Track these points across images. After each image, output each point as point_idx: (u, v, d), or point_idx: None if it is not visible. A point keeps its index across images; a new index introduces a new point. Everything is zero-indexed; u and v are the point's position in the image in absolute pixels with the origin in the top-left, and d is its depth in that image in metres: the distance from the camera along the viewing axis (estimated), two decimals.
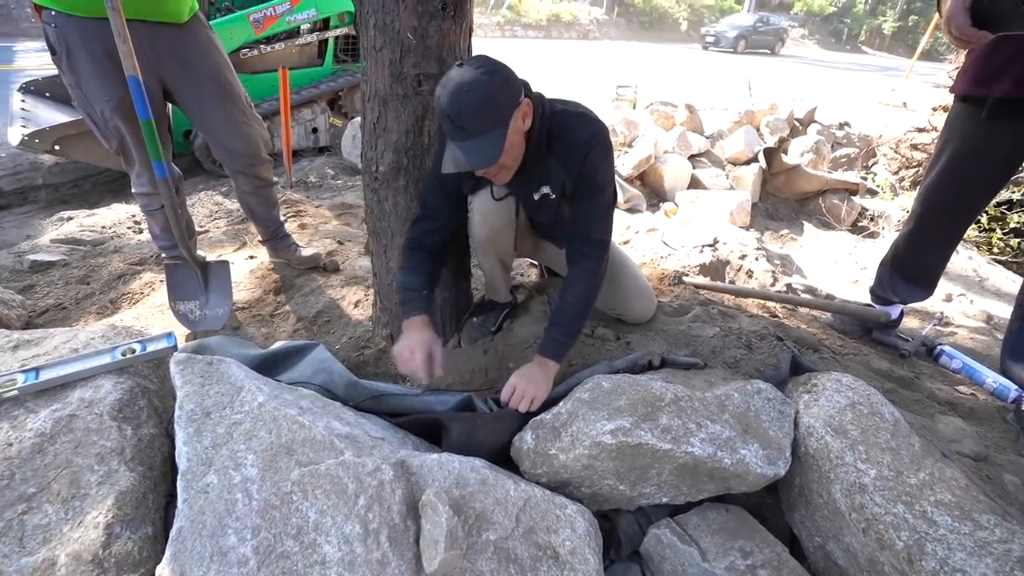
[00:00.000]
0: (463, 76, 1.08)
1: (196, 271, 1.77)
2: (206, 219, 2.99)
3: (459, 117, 1.08)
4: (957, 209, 1.56)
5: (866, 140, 4.63)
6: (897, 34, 26.52)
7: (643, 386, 1.19)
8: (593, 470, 1.13)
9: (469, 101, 1.08)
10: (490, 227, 1.42)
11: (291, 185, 3.42)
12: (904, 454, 1.12)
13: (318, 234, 2.58)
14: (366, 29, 1.33)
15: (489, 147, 1.11)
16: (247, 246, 2.57)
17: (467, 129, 1.09)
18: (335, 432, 1.06)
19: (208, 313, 1.74)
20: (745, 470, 1.11)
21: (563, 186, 1.30)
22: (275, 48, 3.94)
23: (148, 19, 1.55)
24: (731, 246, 2.21)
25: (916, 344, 1.79)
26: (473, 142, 1.10)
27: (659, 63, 12.71)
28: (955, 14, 1.10)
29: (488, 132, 1.10)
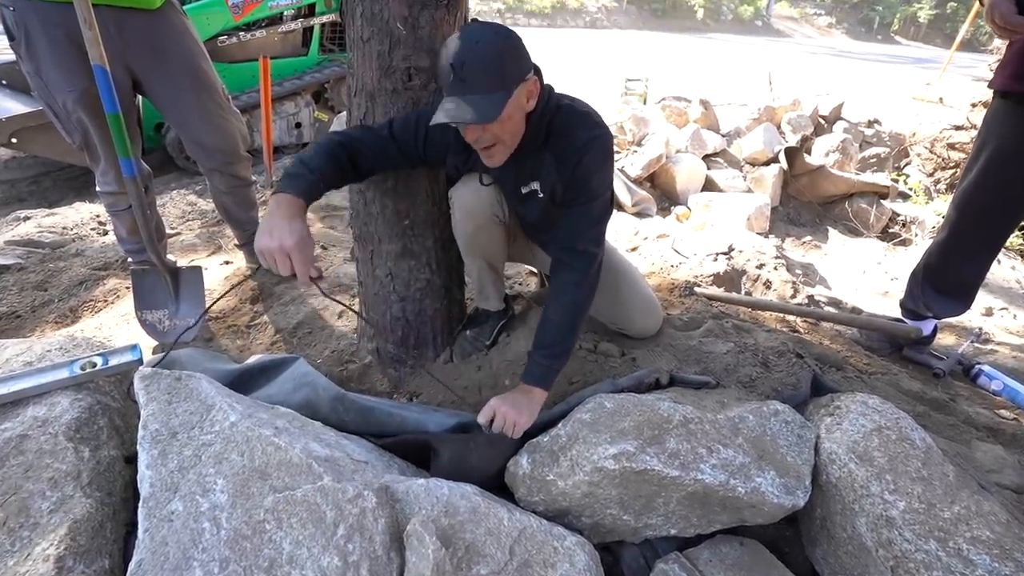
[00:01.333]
0: (474, 30, 1.11)
1: (165, 278, 1.78)
2: (178, 220, 3.01)
3: (462, 68, 1.08)
4: (996, 214, 1.57)
5: (898, 139, 4.66)
6: (934, 22, 26.74)
7: (649, 407, 1.19)
8: (594, 498, 1.14)
9: (476, 54, 1.08)
10: (474, 223, 1.42)
11: (271, 184, 3.44)
12: (937, 485, 1.12)
13: None
14: (352, 18, 1.35)
15: (488, 105, 1.09)
16: (223, 250, 2.58)
17: (467, 82, 1.08)
18: (314, 455, 1.06)
19: (178, 323, 1.75)
20: (760, 500, 1.11)
21: (553, 188, 1.30)
22: (256, 36, 3.99)
23: (117, 4, 1.56)
24: (748, 254, 2.22)
25: (951, 363, 1.79)
26: (473, 97, 1.09)
27: (672, 54, 12.81)
28: (999, 1, 1.11)
29: (490, 92, 1.10)
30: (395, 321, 1.62)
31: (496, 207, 1.42)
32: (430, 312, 1.62)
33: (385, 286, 1.58)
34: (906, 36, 27.00)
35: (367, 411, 1.23)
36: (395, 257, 1.54)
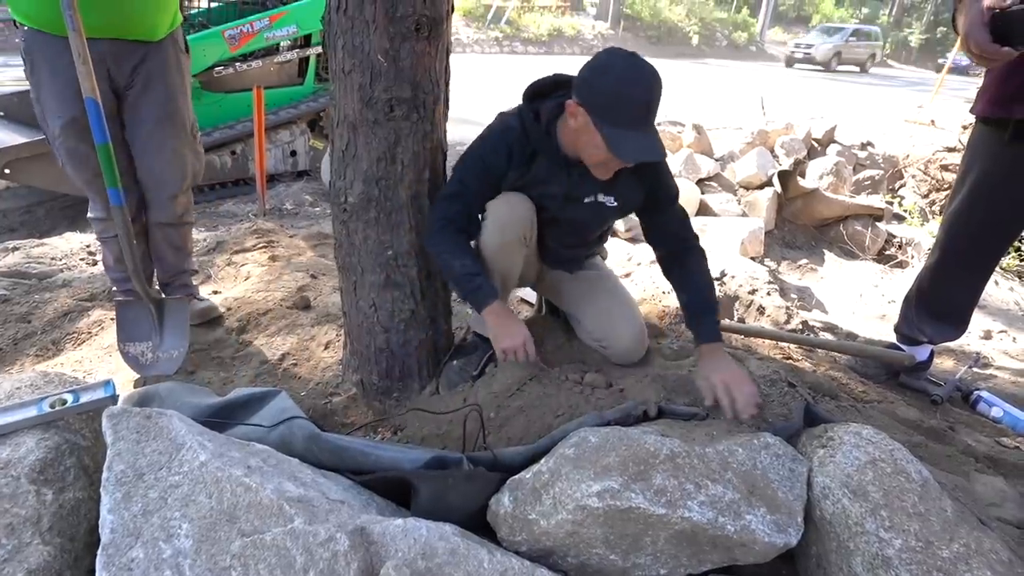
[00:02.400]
0: (647, 65, 1.21)
1: (150, 309, 1.76)
2: None
3: (653, 105, 1.21)
4: (985, 238, 1.56)
5: (892, 161, 4.70)
6: (924, 47, 27.27)
7: (635, 441, 1.16)
8: (579, 537, 1.10)
9: (660, 92, 1.22)
10: (503, 238, 1.45)
11: (264, 213, 3.46)
12: (934, 520, 1.08)
13: (290, 267, 2.59)
14: (335, 51, 1.36)
15: (659, 139, 1.25)
16: (211, 280, 2.58)
17: (653, 117, 1.23)
18: (286, 495, 1.03)
19: (161, 356, 1.73)
20: (751, 538, 1.07)
21: (631, 199, 1.46)
22: (252, 66, 4.06)
23: (121, 37, 1.61)
24: (740, 279, 2.20)
25: (949, 389, 1.76)
26: (653, 133, 1.23)
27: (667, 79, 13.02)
28: (973, 30, 1.13)
29: (653, 126, 1.25)
30: (379, 352, 1.60)
31: (527, 229, 1.46)
32: (415, 343, 1.60)
33: (369, 317, 1.57)
34: (899, 60, 27.51)
35: (341, 451, 1.20)
36: (378, 288, 1.53)
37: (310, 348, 1.96)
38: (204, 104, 3.99)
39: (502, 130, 1.41)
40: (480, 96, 8.80)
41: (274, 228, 3.05)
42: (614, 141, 1.21)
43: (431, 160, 1.47)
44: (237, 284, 2.50)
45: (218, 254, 2.77)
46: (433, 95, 1.41)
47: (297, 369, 1.87)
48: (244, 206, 3.85)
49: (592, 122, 1.23)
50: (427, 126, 1.42)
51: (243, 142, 4.06)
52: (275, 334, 2.04)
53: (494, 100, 8.22)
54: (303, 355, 1.93)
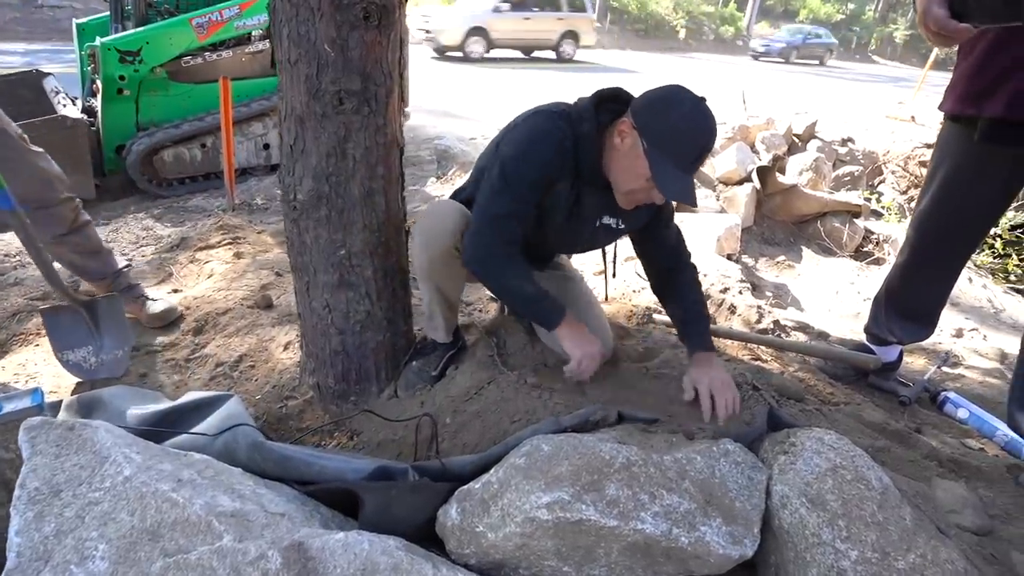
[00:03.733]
0: (712, 115, 1.20)
1: (81, 312, 1.68)
2: (131, 246, 2.92)
3: (705, 153, 1.21)
4: (953, 238, 1.54)
5: (871, 157, 4.69)
6: (909, 43, 27.48)
7: (589, 449, 1.12)
8: (529, 550, 1.06)
9: (713, 145, 1.23)
10: (429, 253, 1.38)
11: (232, 208, 3.37)
12: (892, 530, 1.05)
13: (255, 264, 2.52)
14: (280, 40, 1.30)
15: (695, 188, 1.27)
16: (172, 278, 2.50)
17: (700, 165, 1.23)
18: (217, 510, 0.98)
19: (105, 358, 1.66)
20: (706, 551, 1.04)
21: (637, 223, 1.45)
22: (221, 56, 3.95)
23: None
24: (712, 278, 2.17)
25: (917, 390, 1.75)
26: (692, 178, 1.22)
27: (655, 73, 12.98)
28: (931, 6, 1.07)
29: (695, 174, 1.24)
30: (335, 355, 1.55)
31: (459, 240, 1.37)
32: (372, 345, 1.55)
33: (323, 319, 1.51)
34: (884, 56, 27.71)
35: (285, 460, 1.15)
36: (332, 289, 1.47)
37: (269, 349, 1.90)
38: (172, 96, 3.88)
39: (553, 133, 1.26)
40: (464, 91, 8.71)
41: (241, 224, 2.97)
42: (660, 174, 1.18)
43: (385, 155, 1.41)
44: (199, 282, 2.43)
45: (181, 251, 2.69)
46: (385, 87, 1.35)
47: (254, 371, 1.81)
48: (214, 200, 3.75)
49: (643, 149, 1.19)
50: (380, 120, 1.36)
51: (213, 135, 3.95)
52: (233, 335, 1.98)
53: (478, 95, 8.14)
54: (261, 357, 1.87)
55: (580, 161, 1.28)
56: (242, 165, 4.14)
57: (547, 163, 1.27)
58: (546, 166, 1.27)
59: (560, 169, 1.28)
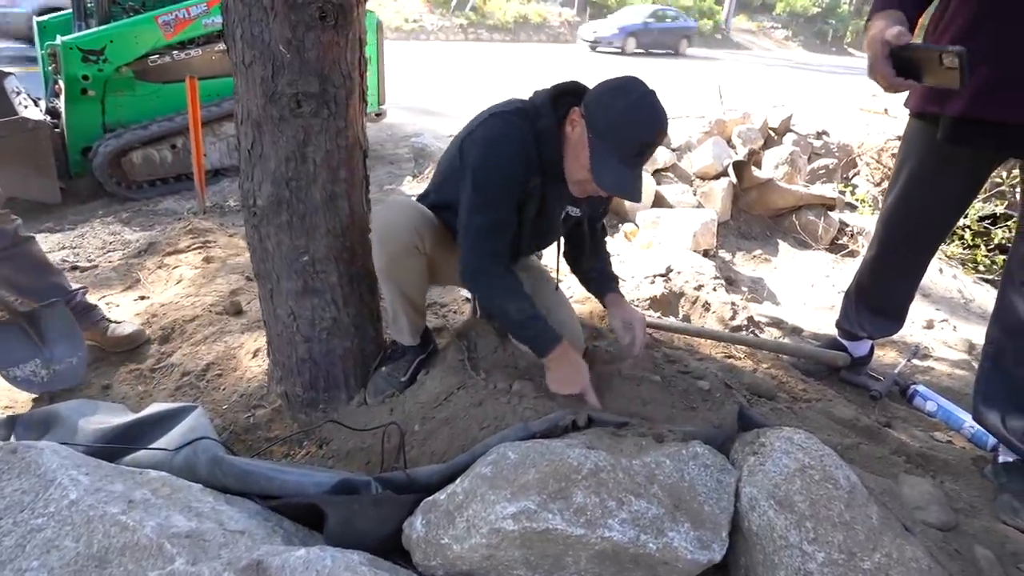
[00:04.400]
0: (661, 109, 1.18)
1: (20, 324, 1.60)
2: (97, 252, 2.84)
3: (649, 147, 1.18)
4: (919, 233, 1.55)
5: (846, 150, 4.74)
6: None
7: (557, 455, 1.10)
8: (496, 560, 1.04)
9: (661, 139, 1.20)
10: (388, 250, 1.35)
11: (203, 211, 3.29)
12: (859, 529, 1.05)
13: (225, 269, 2.46)
14: (233, 41, 1.25)
15: (642, 181, 1.21)
16: (140, 285, 2.43)
17: (644, 160, 1.20)
18: (171, 532, 0.95)
19: (58, 369, 1.59)
20: (674, 556, 1.03)
21: (594, 212, 1.50)
22: (190, 55, 3.85)
23: None
24: (686, 275, 2.17)
25: (888, 384, 1.76)
26: (639, 172, 1.20)
27: (634, 68, 13.00)
28: (878, 64, 1.14)
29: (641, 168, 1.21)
30: (302, 363, 1.51)
31: (415, 237, 1.33)
32: (340, 352, 1.51)
33: (288, 326, 1.47)
34: (859, 48, 28.10)
35: (246, 475, 1.11)
36: (296, 296, 1.43)
37: (237, 357, 1.86)
38: (140, 96, 3.77)
39: (514, 135, 1.25)
40: (445, 86, 8.63)
41: (212, 227, 2.91)
42: (598, 165, 1.16)
43: (347, 159, 1.38)
44: (167, 289, 2.37)
45: (149, 256, 2.62)
46: (345, 89, 1.31)
47: (221, 380, 1.77)
48: (185, 203, 3.66)
49: (588, 139, 1.18)
50: (340, 122, 1.33)
51: (184, 135, 3.84)
52: (201, 343, 1.93)
53: (459, 89, 8.07)
54: (229, 365, 1.83)
55: (543, 156, 1.27)
56: (214, 166, 4.05)
57: (514, 166, 1.25)
58: (513, 169, 1.25)
59: (527, 168, 1.27)
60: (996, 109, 1.18)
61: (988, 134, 1.22)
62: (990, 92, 1.18)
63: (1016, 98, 1.16)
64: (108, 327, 1.87)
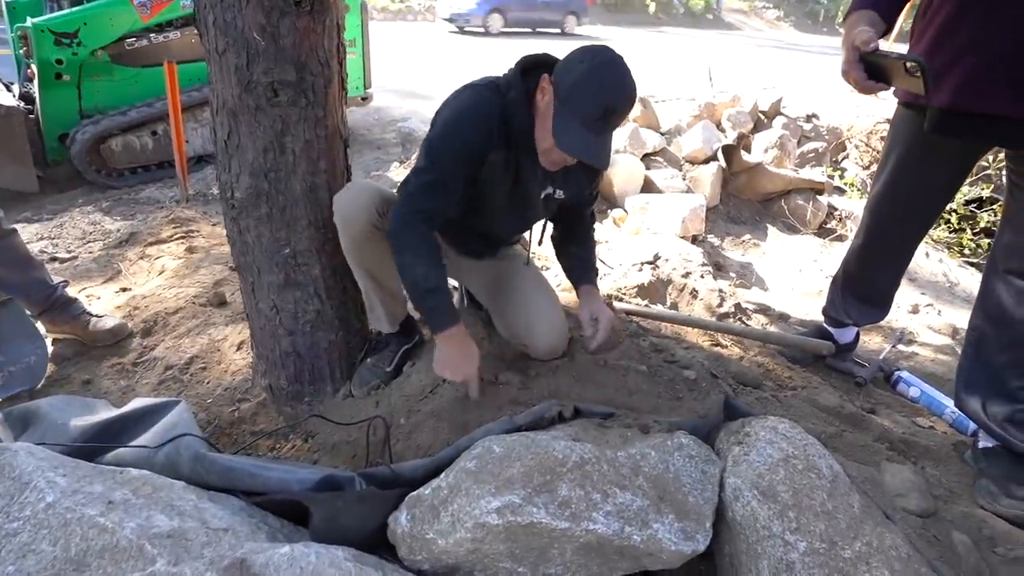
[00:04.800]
0: (628, 76, 1.15)
1: None
2: (77, 242, 2.79)
3: (615, 114, 1.15)
4: (905, 222, 1.55)
5: (835, 133, 4.73)
6: None
7: (542, 448, 1.10)
8: (482, 553, 1.04)
9: (628, 101, 1.16)
10: (350, 232, 1.33)
11: (186, 199, 3.23)
12: (841, 518, 1.06)
13: (208, 259, 2.42)
14: (205, 28, 1.21)
15: (610, 149, 1.21)
16: (121, 276, 2.39)
17: (610, 125, 1.17)
18: (152, 532, 0.94)
19: (14, 370, 1.55)
20: (658, 547, 1.03)
21: (579, 193, 1.45)
22: (169, 38, 3.75)
23: None
24: (674, 263, 2.16)
25: (872, 370, 1.77)
26: (605, 139, 1.18)
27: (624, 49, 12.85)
28: (850, 68, 1.17)
29: (611, 134, 1.20)
30: (286, 356, 1.50)
31: (373, 216, 1.31)
32: (324, 345, 1.50)
33: (271, 320, 1.46)
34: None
35: (228, 472, 1.10)
36: (278, 289, 1.41)
37: (221, 350, 1.84)
38: (117, 80, 3.67)
39: (479, 104, 1.23)
40: (429, 69, 8.49)
41: (195, 216, 2.85)
42: (559, 128, 1.14)
43: (327, 148, 1.35)
44: (149, 280, 2.33)
45: (130, 247, 2.57)
46: (324, 76, 1.28)
47: (205, 374, 1.75)
48: (167, 191, 3.59)
49: (554, 104, 1.16)
50: (319, 111, 1.30)
51: (165, 121, 3.76)
52: (184, 335, 1.90)
53: (444, 73, 7.95)
54: (213, 358, 1.81)
55: (515, 127, 1.25)
56: (196, 153, 3.97)
57: (471, 133, 1.23)
58: (469, 136, 1.23)
59: (487, 139, 1.24)
60: (983, 100, 1.17)
61: (975, 125, 1.21)
62: (977, 83, 1.17)
63: (1002, 89, 1.15)
64: (89, 321, 1.83)
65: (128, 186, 3.73)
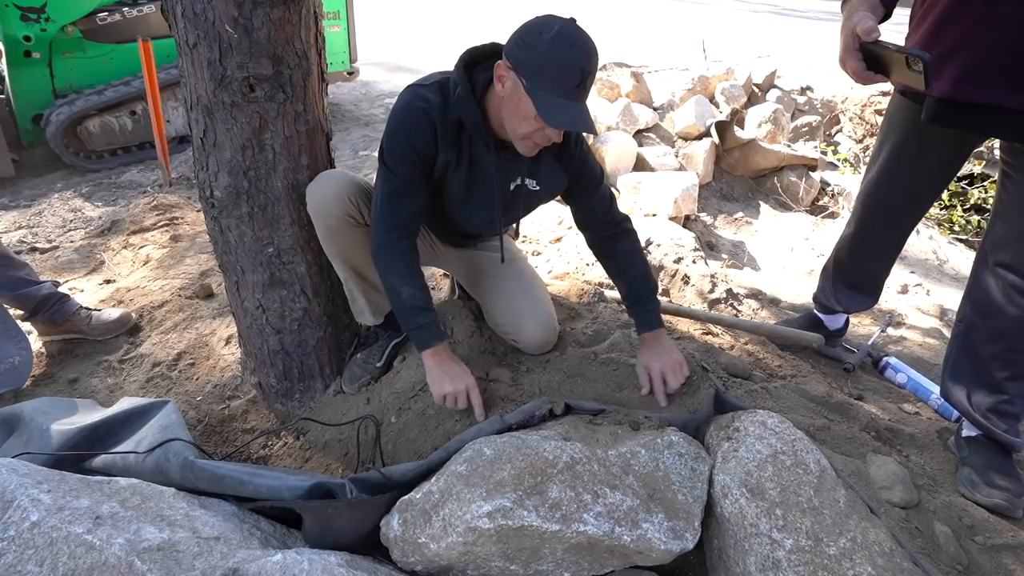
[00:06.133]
0: (585, 34, 1.13)
1: None
2: (57, 231, 2.73)
3: (587, 74, 1.12)
4: (898, 212, 1.54)
5: (829, 106, 4.67)
6: None
7: (533, 449, 1.11)
8: (474, 555, 1.06)
9: (596, 64, 1.13)
10: (325, 224, 1.31)
11: (169, 183, 3.16)
12: (827, 514, 1.08)
13: (194, 248, 2.38)
14: (174, 19, 1.16)
15: (590, 116, 1.17)
16: (104, 267, 2.35)
17: (585, 90, 1.14)
18: (141, 547, 0.94)
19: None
20: (647, 547, 1.05)
21: (556, 183, 1.37)
22: (143, 11, 3.60)
23: None
24: (666, 248, 2.15)
25: (861, 356, 1.79)
26: (583, 105, 1.15)
27: (614, 16, 12.55)
28: (848, 57, 1.13)
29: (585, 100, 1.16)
30: (274, 354, 1.49)
31: (347, 206, 1.29)
32: (312, 342, 1.49)
33: (257, 319, 1.44)
34: None
35: (218, 479, 1.10)
36: (263, 288, 1.39)
37: (210, 344, 1.82)
38: (91, 57, 3.54)
39: (420, 107, 1.21)
40: (417, 40, 8.25)
41: (179, 202, 2.79)
42: (543, 106, 1.10)
43: (309, 144, 1.31)
44: (133, 271, 2.29)
45: (113, 235, 2.52)
46: (302, 69, 1.23)
47: (194, 370, 1.74)
48: (150, 174, 3.51)
49: (522, 86, 1.12)
50: (298, 106, 1.25)
51: (144, 100, 3.64)
52: (171, 330, 1.88)
53: (432, 44, 7.74)
54: (201, 353, 1.79)
55: (461, 126, 1.23)
56: (179, 133, 3.86)
57: (412, 134, 1.21)
58: (411, 137, 1.22)
59: (429, 141, 1.22)
60: (983, 91, 1.15)
61: (973, 116, 1.19)
62: (977, 73, 1.14)
63: (1002, 81, 1.12)
64: (90, 316, 1.81)
65: (108, 169, 3.64)
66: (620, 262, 1.42)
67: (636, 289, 1.40)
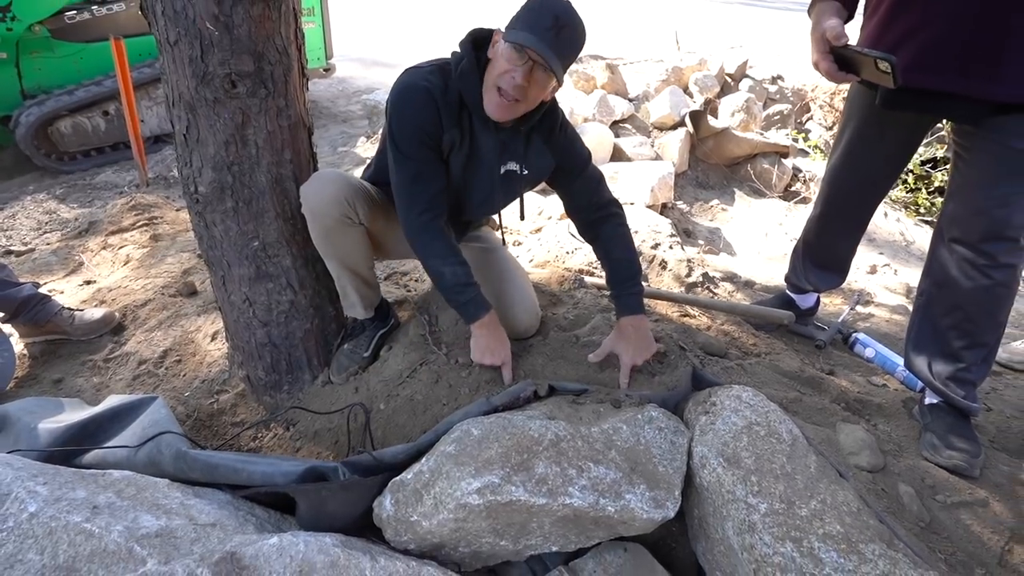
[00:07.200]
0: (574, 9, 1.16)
1: None
2: (33, 234, 2.69)
3: (562, 29, 1.13)
4: (861, 192, 1.60)
5: (800, 94, 4.78)
6: None
7: (519, 428, 1.15)
8: (465, 531, 1.09)
9: (574, 27, 1.15)
10: (322, 225, 1.33)
11: (146, 183, 3.12)
12: (799, 479, 1.14)
13: (174, 247, 2.37)
14: (154, 17, 1.17)
15: (562, 66, 1.16)
16: (83, 268, 2.33)
17: (559, 41, 1.13)
18: (140, 533, 0.96)
19: None
20: (631, 516, 1.10)
21: (543, 167, 1.39)
22: (112, 10, 3.54)
23: None
24: (643, 234, 2.20)
25: (831, 333, 1.86)
26: (557, 52, 1.14)
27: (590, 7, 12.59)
28: (821, 61, 1.21)
29: (561, 62, 1.15)
30: (261, 347, 1.50)
31: (344, 207, 1.31)
32: (300, 334, 1.50)
33: (244, 312, 1.45)
34: None
35: (212, 468, 1.12)
36: (249, 281, 1.41)
37: (195, 341, 1.82)
38: (60, 57, 3.47)
39: (423, 86, 1.22)
40: (393, 35, 8.20)
41: (157, 201, 2.77)
42: (511, 37, 1.14)
43: (292, 139, 1.33)
44: (114, 271, 2.27)
45: (91, 236, 2.49)
46: (282, 65, 1.25)
47: (181, 366, 1.74)
48: (125, 175, 3.46)
49: (502, 39, 1.17)
50: (280, 101, 1.27)
51: (117, 100, 3.59)
52: (156, 328, 1.88)
53: (409, 38, 7.69)
54: (187, 350, 1.79)
55: (464, 102, 1.26)
56: (153, 133, 3.81)
57: (420, 115, 1.23)
58: (420, 118, 1.24)
59: (435, 119, 1.24)
60: (932, 78, 1.21)
61: (923, 100, 1.25)
62: (925, 61, 1.20)
63: (950, 68, 1.19)
64: (72, 316, 1.80)
65: (82, 171, 3.58)
66: (605, 245, 1.46)
67: (617, 272, 1.42)
